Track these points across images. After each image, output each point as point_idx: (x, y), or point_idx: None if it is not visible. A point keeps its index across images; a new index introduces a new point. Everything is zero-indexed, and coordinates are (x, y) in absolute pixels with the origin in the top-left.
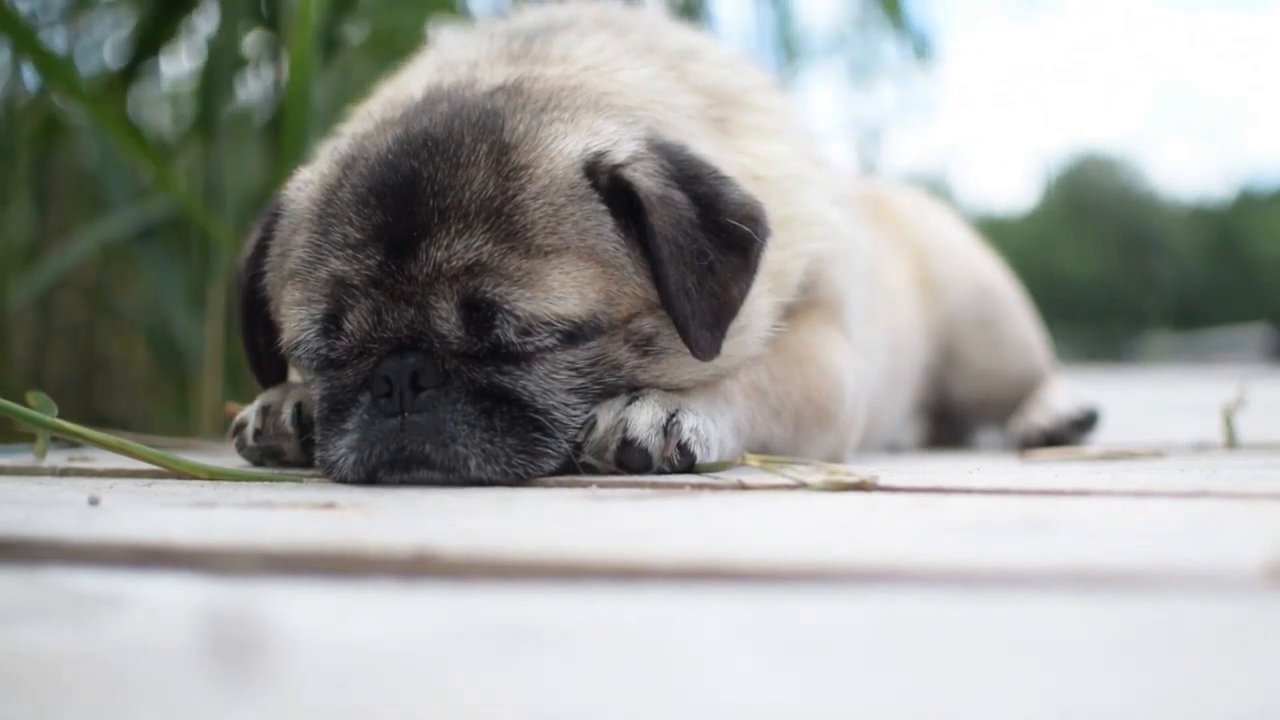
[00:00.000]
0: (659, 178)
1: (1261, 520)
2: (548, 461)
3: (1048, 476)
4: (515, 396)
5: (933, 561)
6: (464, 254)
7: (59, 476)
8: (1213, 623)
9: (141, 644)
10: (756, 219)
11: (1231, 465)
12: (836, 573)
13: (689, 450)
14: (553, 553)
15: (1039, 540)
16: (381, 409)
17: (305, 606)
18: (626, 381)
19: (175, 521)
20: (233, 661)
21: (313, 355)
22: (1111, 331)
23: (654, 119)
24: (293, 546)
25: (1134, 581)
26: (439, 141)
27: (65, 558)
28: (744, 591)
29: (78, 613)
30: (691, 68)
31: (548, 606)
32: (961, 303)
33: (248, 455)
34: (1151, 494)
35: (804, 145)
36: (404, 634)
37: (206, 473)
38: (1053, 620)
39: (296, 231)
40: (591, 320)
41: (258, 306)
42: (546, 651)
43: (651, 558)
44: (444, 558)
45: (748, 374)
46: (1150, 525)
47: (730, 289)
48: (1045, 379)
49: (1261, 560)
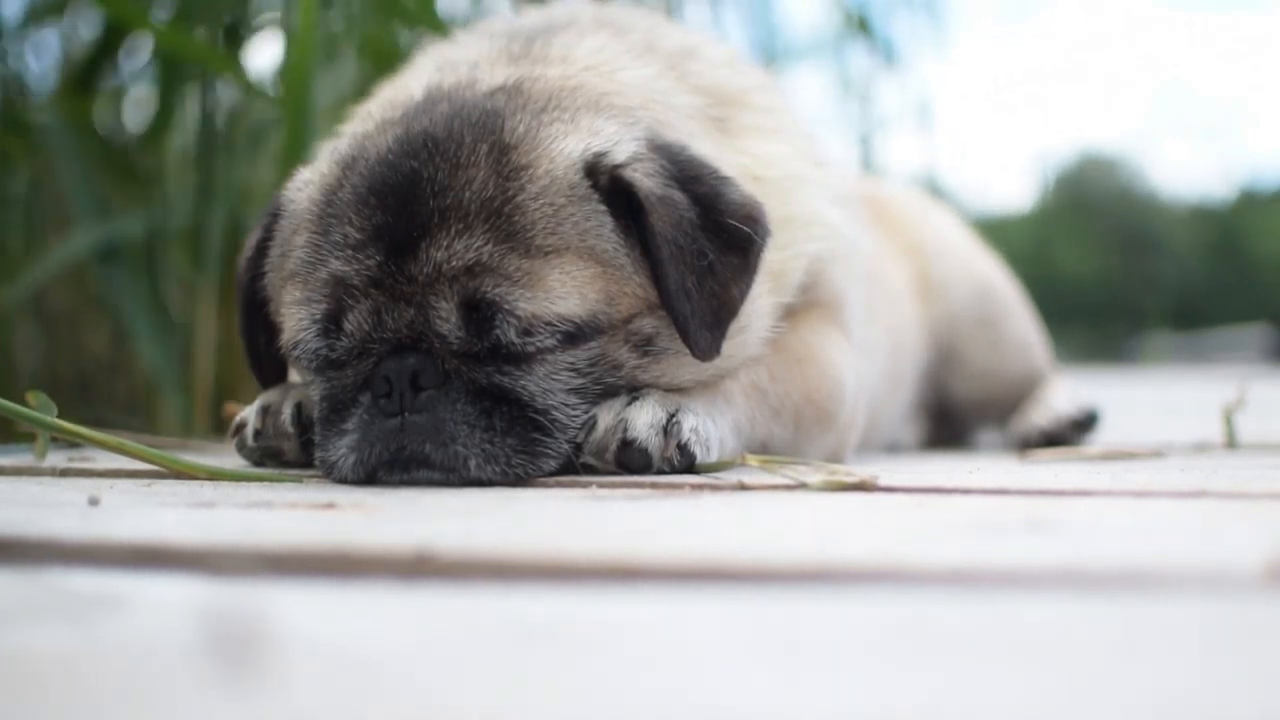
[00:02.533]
0: (659, 178)
1: (1261, 520)
2: (547, 462)
3: (1048, 476)
4: (515, 397)
5: (933, 561)
6: (464, 254)
7: (59, 476)
8: (1213, 623)
9: (141, 644)
10: (756, 219)
11: (1231, 465)
12: (836, 573)
13: (689, 450)
14: (552, 553)
15: (1039, 540)
16: (381, 409)
17: (305, 606)
18: (626, 382)
19: (175, 521)
20: (232, 661)
21: (313, 355)
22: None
23: (654, 119)
24: (292, 546)
25: (1134, 581)
26: (439, 142)
27: (65, 558)
28: (744, 592)
29: (77, 613)
30: (691, 67)
31: (547, 607)
32: (961, 303)
33: (248, 455)
34: (1151, 494)
35: (804, 145)
36: (403, 634)
37: (206, 473)
38: (1053, 620)
39: (296, 232)
40: (591, 320)
41: (258, 307)
42: (546, 652)
43: (651, 558)
44: (443, 558)
45: (748, 374)
46: (1150, 525)
47: (730, 289)
48: (1045, 379)
49: (1261, 560)
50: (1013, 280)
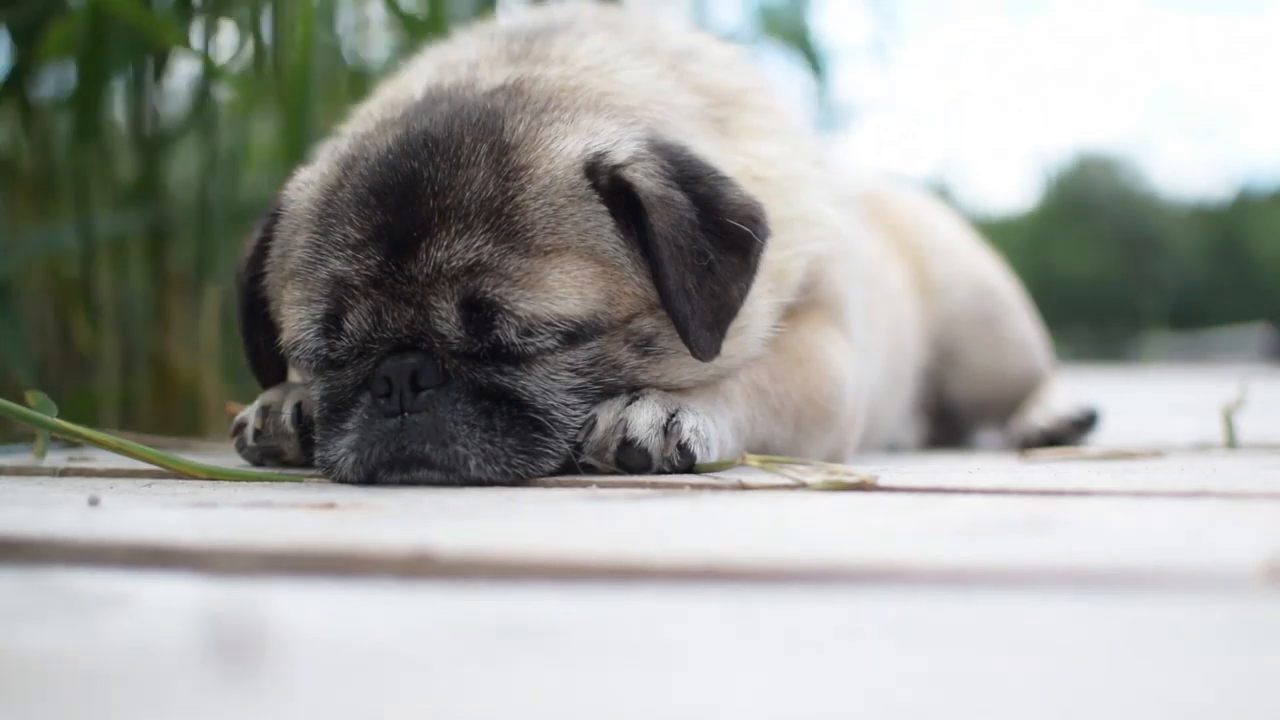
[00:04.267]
0: (659, 178)
1: (1261, 520)
2: (548, 461)
3: (1048, 476)
4: (515, 397)
5: (933, 561)
6: (464, 254)
7: (59, 476)
8: (1213, 623)
9: (141, 644)
10: (756, 219)
11: (1231, 465)
12: (836, 573)
13: (689, 450)
14: (552, 553)
15: (1039, 540)
16: (381, 409)
17: (305, 606)
18: (626, 382)
19: (175, 521)
20: (232, 661)
21: (313, 355)
22: (1111, 331)
23: (654, 119)
24: (293, 546)
25: (1134, 581)
26: (439, 142)
27: (65, 558)
28: (743, 592)
29: (78, 613)
30: (691, 68)
31: (547, 607)
32: (961, 303)
33: (248, 455)
34: (1151, 494)
35: (804, 145)
36: (403, 634)
37: (206, 473)
38: (1052, 620)
39: (297, 232)
40: (591, 320)
41: (258, 307)
42: (546, 651)
43: (651, 558)
44: (443, 558)
45: (748, 374)
46: (1150, 525)
47: (730, 289)
48: (1045, 379)
49: (1261, 560)
50: (1012, 280)
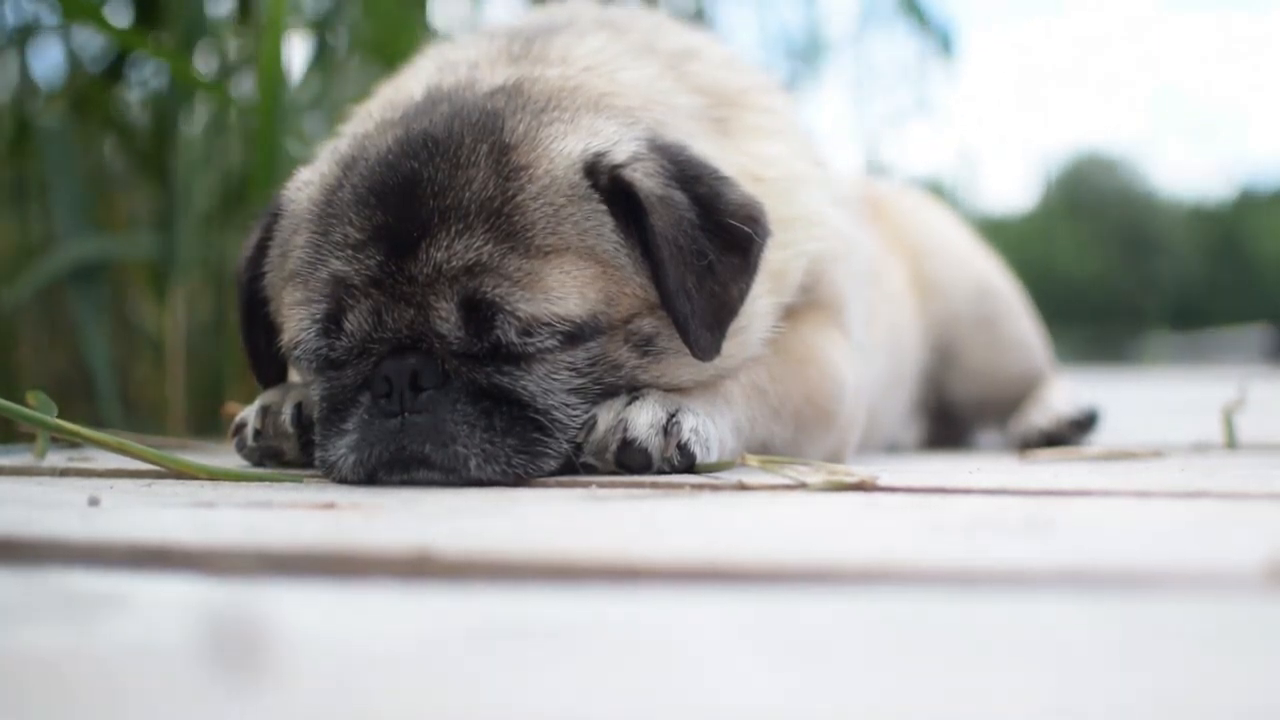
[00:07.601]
0: (659, 178)
1: (1261, 520)
2: (548, 462)
3: (1048, 476)
4: (515, 397)
5: (933, 561)
6: (464, 254)
7: (59, 476)
8: (1213, 623)
9: (141, 644)
10: (756, 219)
11: (1231, 465)
12: (836, 573)
13: (689, 450)
14: (552, 553)
15: (1039, 540)
16: (381, 409)
17: (305, 607)
18: (626, 382)
19: (175, 521)
20: (232, 661)
21: (313, 355)
22: (1111, 331)
23: (654, 119)
24: (292, 546)
25: (1134, 581)
26: (439, 142)
27: (65, 558)
28: (744, 592)
29: (78, 613)
30: (691, 68)
31: (547, 607)
32: (961, 303)
33: (248, 455)
34: (1151, 494)
35: (804, 145)
36: (403, 634)
37: (206, 473)
38: (1053, 620)
39: (296, 232)
40: (591, 320)
41: (258, 307)
42: (546, 652)
43: (651, 558)
44: (443, 558)
45: (748, 374)
46: (1150, 525)
47: (730, 289)
48: (1045, 379)
49: (1261, 560)
50: (1012, 280)
